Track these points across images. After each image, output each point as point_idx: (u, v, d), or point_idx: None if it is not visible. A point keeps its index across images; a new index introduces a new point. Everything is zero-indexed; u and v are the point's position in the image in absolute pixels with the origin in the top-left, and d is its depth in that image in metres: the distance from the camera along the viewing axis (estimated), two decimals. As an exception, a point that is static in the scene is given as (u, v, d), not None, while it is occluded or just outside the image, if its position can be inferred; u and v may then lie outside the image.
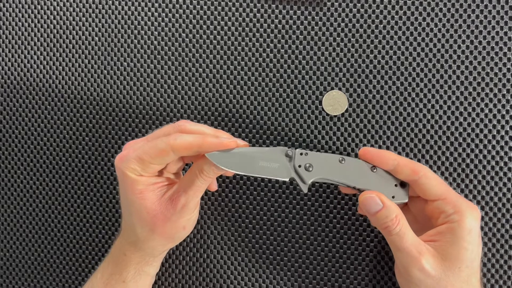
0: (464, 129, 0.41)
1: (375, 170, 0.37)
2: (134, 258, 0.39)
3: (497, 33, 0.41)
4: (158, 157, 0.35)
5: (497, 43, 0.41)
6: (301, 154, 0.36)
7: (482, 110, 0.41)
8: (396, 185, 0.37)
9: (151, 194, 0.36)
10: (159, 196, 0.36)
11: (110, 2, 0.45)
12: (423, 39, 0.41)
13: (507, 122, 0.41)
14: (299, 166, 0.36)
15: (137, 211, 0.36)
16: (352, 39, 0.42)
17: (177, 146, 0.34)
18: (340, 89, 0.42)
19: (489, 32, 0.41)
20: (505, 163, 0.41)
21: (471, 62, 0.41)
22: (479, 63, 0.41)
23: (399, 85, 0.42)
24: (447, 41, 0.41)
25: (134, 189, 0.36)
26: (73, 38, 0.46)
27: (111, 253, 0.40)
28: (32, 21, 0.46)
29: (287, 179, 0.36)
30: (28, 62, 0.47)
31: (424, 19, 0.41)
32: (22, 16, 0.47)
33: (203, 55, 0.44)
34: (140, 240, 0.38)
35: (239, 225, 0.44)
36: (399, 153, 0.42)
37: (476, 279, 0.35)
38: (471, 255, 0.34)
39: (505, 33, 0.40)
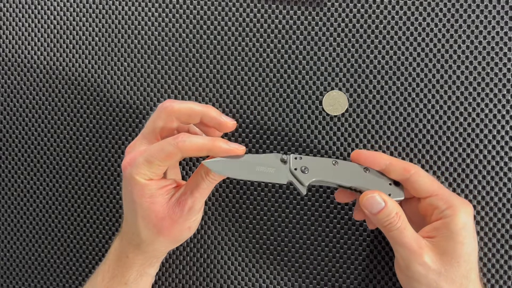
0: (464, 129, 0.41)
1: (367, 171, 0.37)
2: (138, 260, 0.38)
3: (497, 33, 0.41)
4: (167, 160, 0.35)
5: (497, 43, 0.41)
6: (296, 158, 0.37)
7: (482, 110, 0.41)
8: (390, 184, 0.37)
9: (160, 198, 0.36)
10: (167, 200, 0.37)
11: (110, 2, 0.45)
12: (423, 39, 0.41)
13: (507, 122, 0.41)
14: (295, 169, 0.37)
15: (146, 215, 0.36)
16: (352, 39, 0.42)
17: (186, 148, 0.34)
18: (340, 89, 0.42)
19: (489, 32, 0.41)
20: (505, 163, 0.41)
21: (471, 62, 0.41)
22: (479, 63, 0.41)
23: (399, 85, 0.42)
24: (447, 41, 0.41)
25: (144, 193, 0.36)
26: (73, 38, 0.46)
27: (110, 256, 0.40)
28: (32, 21, 0.46)
29: (285, 183, 0.37)
30: (28, 62, 0.47)
31: (424, 19, 0.41)
32: (22, 16, 0.47)
33: (203, 55, 0.44)
34: (145, 243, 0.38)
35: (240, 225, 0.44)
36: (399, 153, 0.42)
37: (476, 275, 0.35)
38: (467, 249, 0.34)
39: (505, 33, 0.40)
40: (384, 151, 0.42)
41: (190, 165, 0.44)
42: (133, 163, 0.36)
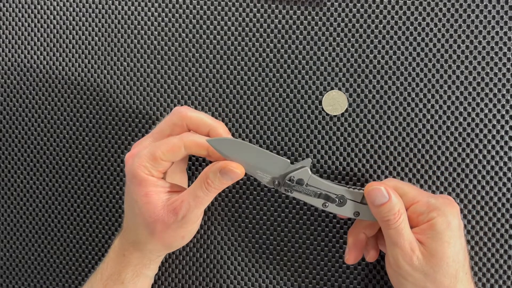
0: (464, 129, 0.41)
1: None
2: (133, 259, 0.39)
3: (497, 33, 0.41)
4: (170, 152, 0.36)
5: (497, 43, 0.41)
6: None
7: (482, 110, 0.41)
8: None
9: (155, 197, 0.36)
10: (163, 202, 0.36)
11: (110, 2, 0.45)
12: (423, 39, 0.41)
13: (507, 122, 0.41)
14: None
15: (140, 213, 0.37)
16: (352, 39, 0.42)
17: (189, 143, 0.36)
18: (340, 89, 0.42)
19: (489, 32, 0.41)
20: (505, 163, 0.41)
21: (471, 62, 0.41)
22: (479, 63, 0.41)
23: (399, 85, 0.42)
24: (447, 41, 0.41)
25: (141, 190, 0.36)
26: (73, 38, 0.46)
27: (110, 254, 0.40)
28: (32, 21, 0.46)
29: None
30: (28, 62, 0.47)
31: (424, 19, 0.41)
32: (22, 16, 0.47)
33: (203, 55, 0.44)
34: (141, 242, 0.38)
35: (239, 225, 0.44)
36: (399, 153, 0.42)
37: (464, 273, 0.35)
38: (454, 248, 0.35)
39: (505, 33, 0.40)
40: (383, 151, 0.42)
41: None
42: (135, 155, 0.37)
